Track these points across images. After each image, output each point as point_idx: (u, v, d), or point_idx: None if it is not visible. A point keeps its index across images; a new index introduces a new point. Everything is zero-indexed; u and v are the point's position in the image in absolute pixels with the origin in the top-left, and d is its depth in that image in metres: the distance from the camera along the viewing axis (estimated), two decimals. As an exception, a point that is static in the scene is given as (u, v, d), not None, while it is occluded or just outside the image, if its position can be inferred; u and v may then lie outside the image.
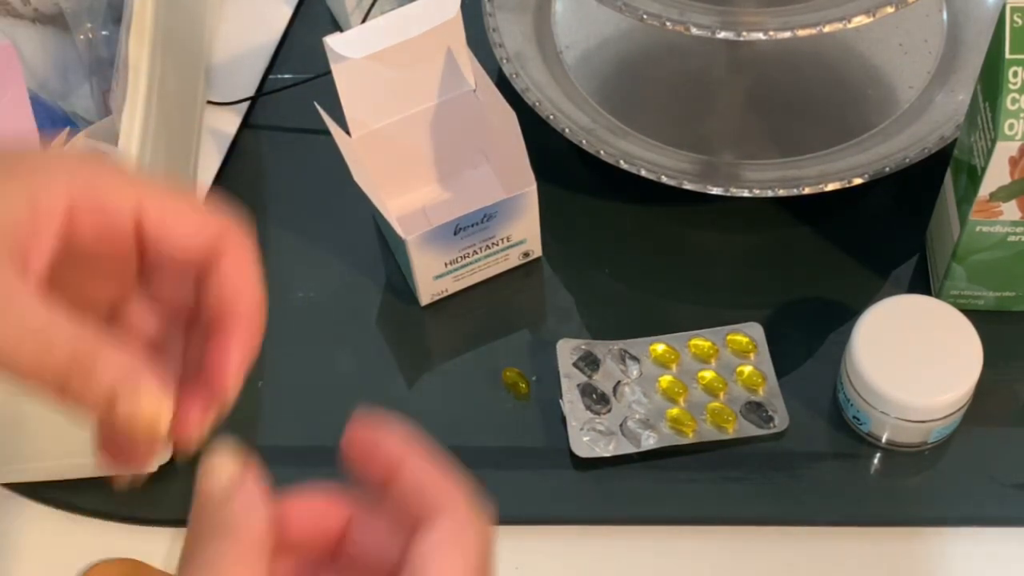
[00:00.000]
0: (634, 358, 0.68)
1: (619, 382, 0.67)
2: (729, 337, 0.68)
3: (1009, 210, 0.62)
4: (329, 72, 0.68)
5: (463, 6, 0.69)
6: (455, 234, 0.68)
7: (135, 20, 0.68)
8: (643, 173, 0.71)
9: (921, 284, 0.70)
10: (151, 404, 0.38)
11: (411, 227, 0.69)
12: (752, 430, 0.65)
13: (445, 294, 0.72)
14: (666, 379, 0.67)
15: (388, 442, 0.39)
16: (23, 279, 0.37)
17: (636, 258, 0.73)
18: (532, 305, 0.74)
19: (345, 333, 0.72)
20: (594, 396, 0.66)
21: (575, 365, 0.67)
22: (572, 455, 0.65)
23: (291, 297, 0.73)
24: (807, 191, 0.70)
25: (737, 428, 0.65)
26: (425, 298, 0.71)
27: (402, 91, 0.70)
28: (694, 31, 0.64)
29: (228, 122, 0.81)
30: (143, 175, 0.41)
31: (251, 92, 0.82)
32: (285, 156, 0.80)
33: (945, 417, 0.62)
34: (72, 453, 0.64)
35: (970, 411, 0.64)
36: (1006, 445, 0.65)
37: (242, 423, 0.69)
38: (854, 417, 0.64)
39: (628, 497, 0.65)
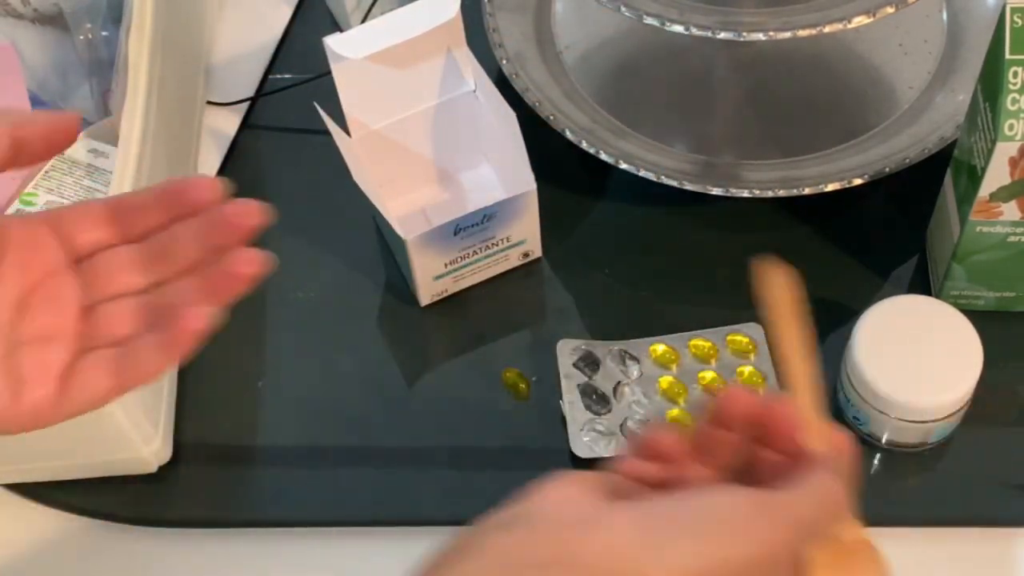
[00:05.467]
0: (634, 359, 0.68)
1: (619, 383, 0.67)
2: (729, 337, 0.68)
3: (1009, 210, 0.62)
4: (329, 72, 0.68)
5: (463, 6, 0.69)
6: (455, 234, 0.68)
7: (135, 20, 0.68)
8: (643, 173, 0.71)
9: (921, 284, 0.70)
10: None
11: (411, 227, 0.68)
12: (752, 430, 0.65)
13: (445, 294, 0.72)
14: (666, 380, 0.67)
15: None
16: None
17: (636, 258, 0.73)
18: (532, 305, 0.74)
19: (345, 333, 0.72)
20: (594, 397, 0.66)
21: (575, 365, 0.67)
22: (572, 455, 0.65)
23: (291, 297, 0.73)
24: (807, 191, 0.70)
25: (737, 428, 0.65)
26: (425, 298, 0.71)
27: (402, 91, 0.70)
28: (694, 31, 0.64)
29: (228, 122, 0.81)
30: None
31: (251, 92, 0.82)
32: (285, 156, 0.80)
33: (945, 417, 0.62)
34: (72, 453, 0.64)
35: (970, 411, 0.64)
36: (1006, 445, 0.65)
37: (242, 423, 0.69)
38: (854, 418, 0.64)
39: (628, 497, 0.65)
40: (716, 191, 0.71)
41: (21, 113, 0.46)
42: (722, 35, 0.64)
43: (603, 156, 0.72)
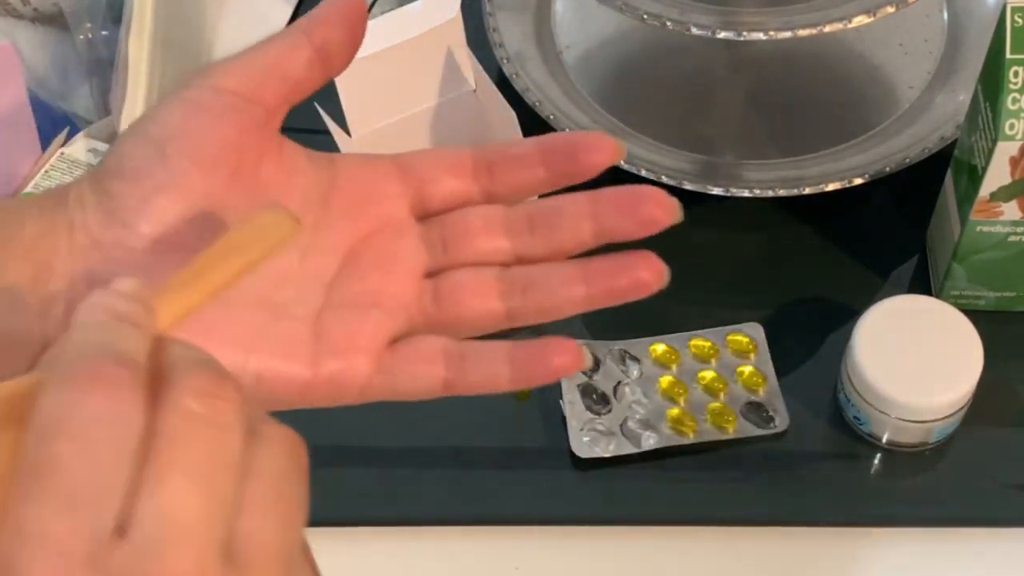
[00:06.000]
0: (634, 358, 0.68)
1: (619, 382, 0.67)
2: (729, 337, 0.68)
3: (1009, 210, 0.62)
4: (329, 72, 0.68)
5: (463, 6, 0.69)
6: (455, 234, 0.68)
7: (135, 20, 0.68)
8: (643, 173, 0.71)
9: (921, 284, 0.70)
10: None
11: (411, 227, 0.68)
12: (752, 430, 0.65)
13: (445, 294, 0.72)
14: (666, 379, 0.67)
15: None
16: None
17: (636, 258, 0.73)
18: (532, 305, 0.73)
19: (345, 333, 0.72)
20: (594, 396, 0.66)
21: (575, 365, 0.67)
22: (572, 455, 0.65)
23: (291, 297, 0.73)
24: (807, 191, 0.70)
25: (737, 428, 0.65)
26: (425, 298, 0.71)
27: (402, 91, 0.70)
28: (694, 31, 0.64)
29: (228, 122, 0.81)
30: None
31: (251, 92, 0.82)
32: (285, 156, 0.80)
33: (945, 417, 0.62)
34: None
35: (970, 411, 0.64)
36: (1006, 445, 0.65)
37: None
38: (854, 417, 0.64)
39: (628, 497, 0.65)
40: (716, 191, 0.71)
41: (310, 17, 0.38)
42: (722, 35, 0.64)
43: (603, 156, 0.72)
